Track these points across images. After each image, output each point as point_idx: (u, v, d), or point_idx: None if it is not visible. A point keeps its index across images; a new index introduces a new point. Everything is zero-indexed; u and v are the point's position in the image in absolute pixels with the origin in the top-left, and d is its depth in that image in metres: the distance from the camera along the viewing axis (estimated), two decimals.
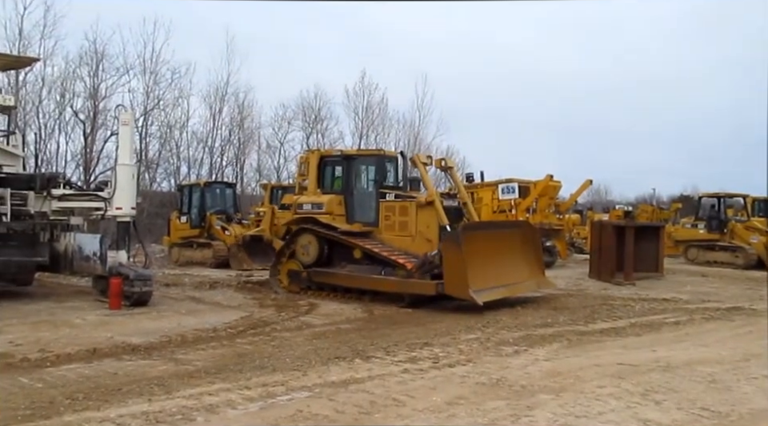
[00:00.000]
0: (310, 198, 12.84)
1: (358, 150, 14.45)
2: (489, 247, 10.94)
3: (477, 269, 10.43)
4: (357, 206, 12.38)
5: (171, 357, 6.90)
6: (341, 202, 12.44)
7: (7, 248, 11.20)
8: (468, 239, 10.35)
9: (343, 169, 12.73)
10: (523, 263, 11.82)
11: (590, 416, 5.03)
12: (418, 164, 12.01)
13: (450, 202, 11.98)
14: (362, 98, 38.75)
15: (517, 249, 11.81)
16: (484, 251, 10.73)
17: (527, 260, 11.97)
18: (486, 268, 10.75)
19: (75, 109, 29.30)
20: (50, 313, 9.80)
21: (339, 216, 12.36)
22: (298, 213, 12.87)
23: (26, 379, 5.90)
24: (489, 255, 10.88)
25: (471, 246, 10.35)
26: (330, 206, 12.38)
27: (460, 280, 10.22)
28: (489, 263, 10.85)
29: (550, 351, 7.54)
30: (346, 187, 12.55)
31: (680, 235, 24.70)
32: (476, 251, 10.45)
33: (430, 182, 12.02)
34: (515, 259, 11.61)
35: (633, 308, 11.36)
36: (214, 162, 35.10)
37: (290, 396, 5.40)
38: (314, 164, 13.05)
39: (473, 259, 10.36)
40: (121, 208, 11.04)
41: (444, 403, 5.29)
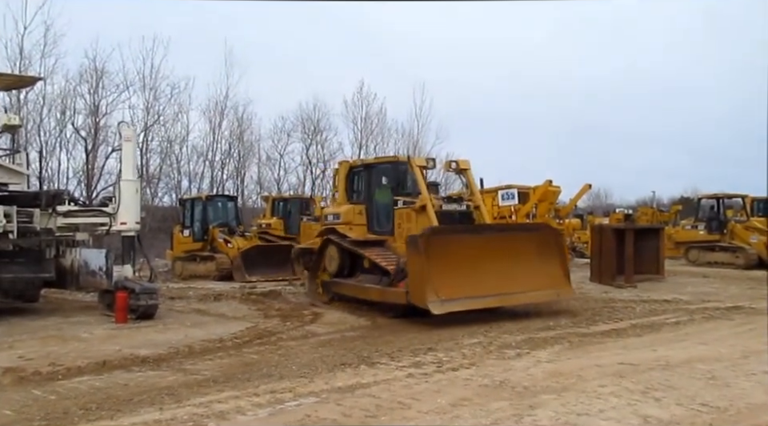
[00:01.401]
0: (333, 210, 12.93)
1: (375, 159, 13.82)
2: (470, 253, 9.94)
3: (446, 276, 9.56)
4: (375, 215, 12.21)
5: (180, 367, 7.03)
6: (361, 211, 12.31)
7: (14, 265, 11.36)
8: (435, 244, 9.61)
9: (363, 178, 12.65)
10: (532, 270, 10.43)
11: (591, 414, 5.15)
12: (414, 167, 11.67)
13: (455, 207, 11.61)
14: (361, 109, 39.08)
15: (525, 254, 10.46)
16: (461, 256, 9.79)
17: (542, 267, 10.58)
18: (461, 276, 9.73)
19: (76, 126, 29.57)
20: (57, 328, 9.93)
21: (359, 226, 12.22)
22: (325, 224, 13.00)
23: (39, 391, 6.03)
24: (469, 261, 9.86)
25: (440, 251, 9.61)
26: (348, 216, 12.32)
27: (419, 288, 9.57)
28: (467, 271, 9.83)
29: (552, 353, 7.66)
30: (367, 196, 12.46)
31: (680, 236, 24.84)
32: (447, 256, 9.70)
33: (423, 186, 11.41)
34: (516, 265, 10.30)
35: (634, 310, 11.48)
36: (215, 175, 35.39)
37: (297, 402, 5.53)
38: (343, 175, 13.03)
39: (441, 265, 9.58)
40: (125, 223, 11.19)
41: (448, 405, 5.41)
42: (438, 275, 9.49)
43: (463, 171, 12.15)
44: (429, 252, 9.49)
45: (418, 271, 9.58)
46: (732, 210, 25.30)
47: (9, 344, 8.48)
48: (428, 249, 9.50)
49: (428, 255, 9.47)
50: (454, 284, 9.62)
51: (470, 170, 12.03)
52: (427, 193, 11.15)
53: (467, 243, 10.07)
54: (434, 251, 9.53)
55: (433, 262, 9.48)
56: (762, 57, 39.84)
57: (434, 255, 9.52)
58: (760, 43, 47.18)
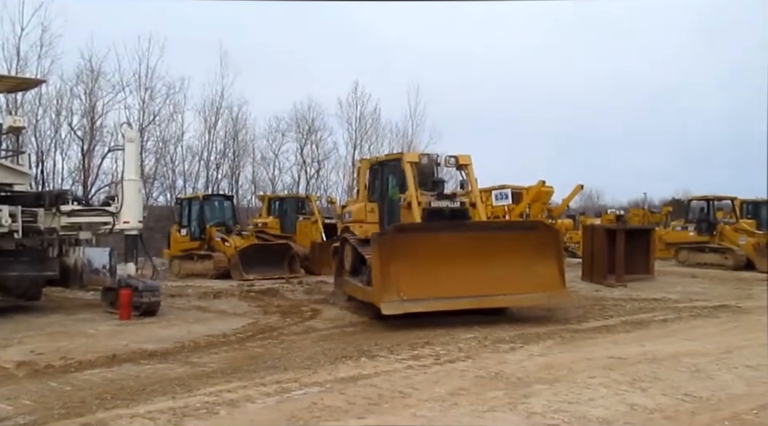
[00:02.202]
0: (347, 208, 13.08)
1: (387, 155, 13.26)
2: (444, 252, 9.50)
3: (413, 276, 9.26)
4: (386, 213, 11.88)
5: (187, 361, 7.30)
6: (373, 209, 12.13)
7: (19, 264, 11.59)
8: (401, 242, 9.30)
9: (378, 175, 12.48)
10: (520, 271, 9.75)
11: (581, 402, 5.46)
12: (404, 164, 11.46)
13: (446, 204, 11.16)
14: (355, 109, 39.32)
15: (512, 254, 9.74)
16: (433, 255, 9.38)
17: (532, 268, 9.85)
18: (431, 275, 9.34)
19: (73, 126, 29.71)
20: (62, 325, 10.16)
21: (370, 224, 11.98)
22: (343, 222, 13.16)
23: (55, 383, 6.29)
24: (442, 260, 9.42)
25: (407, 249, 9.26)
26: (359, 215, 12.30)
27: (376, 287, 9.36)
28: (439, 270, 9.37)
29: (545, 348, 7.98)
30: (380, 194, 12.30)
31: (671, 237, 25.26)
32: (415, 255, 9.28)
33: (411, 182, 11.08)
34: (501, 265, 9.64)
35: (624, 308, 11.84)
36: (210, 175, 35.55)
37: (303, 391, 5.82)
38: (363, 172, 13.01)
39: (408, 264, 9.24)
40: (128, 222, 11.46)
41: (446, 394, 5.72)
42: (402, 274, 9.21)
43: (463, 167, 11.72)
44: (393, 250, 9.25)
45: (377, 269, 9.34)
46: (722, 212, 25.75)
47: (18, 340, 8.72)
48: (392, 247, 9.26)
49: (391, 253, 9.24)
50: (420, 284, 9.28)
51: (470, 165, 11.62)
52: (414, 189, 10.92)
53: (442, 242, 9.64)
54: (399, 250, 9.25)
55: (398, 261, 9.22)
56: (756, 60, 40.41)
57: (400, 253, 9.24)
58: (753, 47, 47.83)
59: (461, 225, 10.63)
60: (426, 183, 11.68)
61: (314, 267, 20.06)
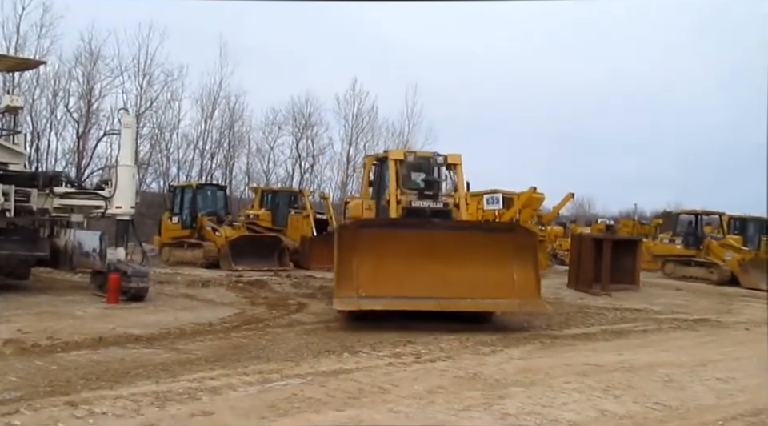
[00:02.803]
0: (348, 204, 13.07)
1: (385, 152, 12.85)
2: (411, 250, 9.19)
3: (374, 272, 9.05)
4: (381, 211, 11.72)
5: (172, 347, 7.41)
6: (370, 206, 12.02)
7: (9, 243, 11.64)
8: (365, 237, 9.14)
9: (377, 172, 12.32)
10: (490, 275, 9.31)
11: (554, 406, 5.61)
12: (389, 161, 11.34)
13: (428, 204, 11.01)
14: (353, 106, 39.46)
15: (484, 256, 9.34)
16: (399, 253, 9.12)
17: (504, 272, 9.39)
18: (395, 273, 9.09)
19: (69, 108, 29.70)
20: (51, 305, 10.25)
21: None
22: (344, 218, 13.19)
23: (41, 362, 6.39)
24: (408, 258, 9.14)
25: (371, 245, 9.08)
26: (355, 211, 12.26)
27: (334, 281, 9.23)
28: (403, 268, 9.13)
29: (524, 352, 8.13)
30: (377, 191, 12.15)
31: (658, 249, 25.52)
32: (380, 251, 9.10)
33: (393, 180, 10.92)
34: (470, 268, 9.29)
35: (605, 316, 12.02)
36: (204, 164, 35.61)
37: (284, 382, 5.95)
38: (367, 168, 12.91)
39: (371, 260, 9.07)
40: (121, 207, 11.56)
41: (425, 391, 5.86)
42: (363, 270, 9.03)
43: (452, 166, 11.48)
44: (355, 245, 9.06)
45: (335, 264, 9.13)
46: (710, 227, 26.04)
47: (6, 318, 8.80)
48: (354, 242, 9.08)
49: (353, 248, 9.04)
50: (382, 282, 9.04)
51: (460, 165, 11.34)
52: (395, 187, 10.80)
53: (409, 239, 9.33)
54: (363, 245, 9.07)
55: (360, 256, 9.03)
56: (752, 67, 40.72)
57: (363, 249, 9.06)
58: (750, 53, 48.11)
59: (427, 223, 10.27)
60: (418, 182, 11.60)
61: (303, 262, 20.19)
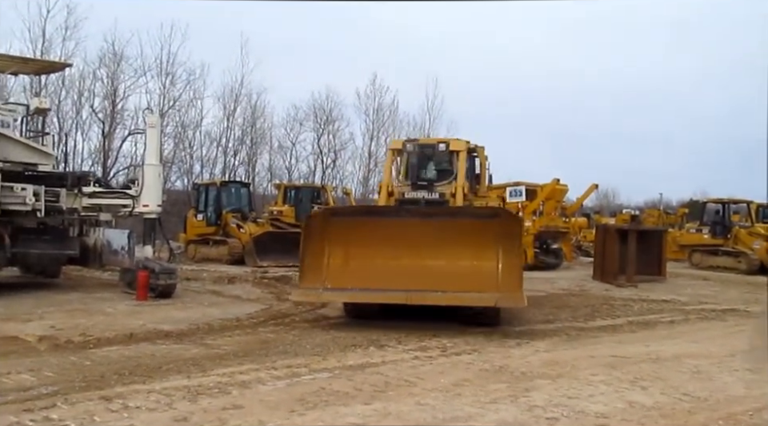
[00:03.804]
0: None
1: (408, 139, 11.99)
2: (385, 239, 8.62)
3: (344, 263, 8.65)
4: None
5: (201, 342, 7.54)
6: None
7: (40, 242, 11.92)
8: (335, 226, 8.71)
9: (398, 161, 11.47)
10: (467, 266, 8.55)
11: (581, 398, 5.62)
12: (388, 151, 10.96)
13: (423, 194, 10.35)
14: (373, 100, 39.51)
15: (462, 245, 8.59)
16: (371, 242, 8.60)
17: (484, 263, 8.50)
18: (365, 264, 8.59)
19: (94, 108, 30.16)
20: (82, 302, 10.48)
21: None
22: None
23: (75, 357, 6.55)
24: (381, 248, 8.59)
25: (343, 234, 8.64)
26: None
27: (299, 271, 8.93)
28: (375, 259, 8.58)
29: (550, 344, 8.13)
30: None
31: (685, 239, 25.19)
32: (351, 240, 8.63)
33: (387, 170, 10.55)
34: (445, 258, 8.63)
35: (632, 308, 11.93)
36: (227, 161, 35.95)
37: (312, 376, 6.03)
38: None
39: (342, 249, 8.66)
40: (148, 205, 11.76)
41: (451, 384, 5.90)
42: (333, 261, 8.62)
43: (455, 153, 10.70)
44: (325, 235, 8.65)
45: (301, 254, 8.76)
46: (737, 216, 25.64)
47: (39, 315, 9.04)
48: (324, 231, 8.68)
49: (323, 237, 8.64)
50: (351, 273, 8.56)
51: (463, 152, 10.53)
52: (388, 177, 10.39)
53: (385, 228, 8.78)
54: (334, 235, 8.64)
55: (331, 246, 8.64)
56: None
57: (335, 238, 8.64)
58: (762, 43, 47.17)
59: (402, 210, 9.73)
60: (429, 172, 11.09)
61: None
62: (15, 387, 5.41)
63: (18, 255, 11.65)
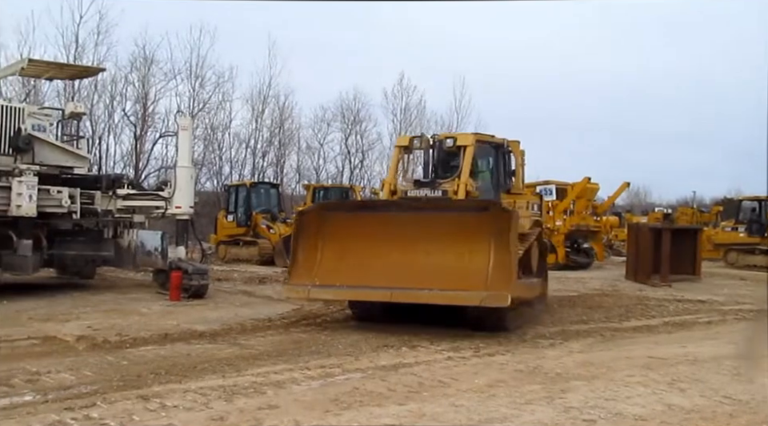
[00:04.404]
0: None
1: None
2: (375, 235, 8.38)
3: (334, 259, 8.45)
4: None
5: (234, 342, 7.61)
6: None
7: (76, 243, 12.14)
8: (328, 221, 8.55)
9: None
10: (456, 263, 8.06)
11: (618, 400, 5.53)
12: (395, 148, 10.58)
13: (425, 192, 9.74)
14: (401, 100, 39.46)
15: (451, 241, 8.12)
16: (362, 237, 8.39)
17: (474, 259, 7.99)
18: (354, 260, 8.39)
19: (126, 112, 30.65)
20: (116, 303, 10.65)
21: None
22: None
23: (112, 357, 6.66)
24: (370, 243, 8.33)
25: (334, 230, 8.47)
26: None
27: (289, 266, 8.82)
28: (363, 255, 8.36)
29: (584, 345, 8.03)
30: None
31: (720, 238, 24.76)
32: (342, 236, 8.45)
33: (393, 167, 10.31)
34: (433, 254, 8.19)
35: (667, 308, 11.73)
36: (256, 162, 36.23)
37: (346, 377, 6.04)
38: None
39: (333, 245, 8.47)
40: (180, 207, 11.92)
41: (485, 385, 5.86)
42: (326, 257, 8.47)
43: (462, 148, 9.94)
44: (320, 231, 8.51)
45: (293, 250, 8.68)
46: None
47: (76, 315, 9.21)
48: (319, 227, 8.53)
49: (317, 233, 8.50)
50: (342, 269, 8.37)
51: (471, 147, 9.77)
52: (393, 175, 10.16)
53: (376, 223, 8.58)
54: (326, 230, 8.49)
55: (324, 242, 8.48)
56: None
57: (326, 234, 8.48)
58: None
59: (392, 204, 9.48)
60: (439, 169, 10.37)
61: None
62: (56, 386, 5.52)
63: (55, 257, 11.86)
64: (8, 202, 10.79)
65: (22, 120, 11.33)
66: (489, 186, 10.33)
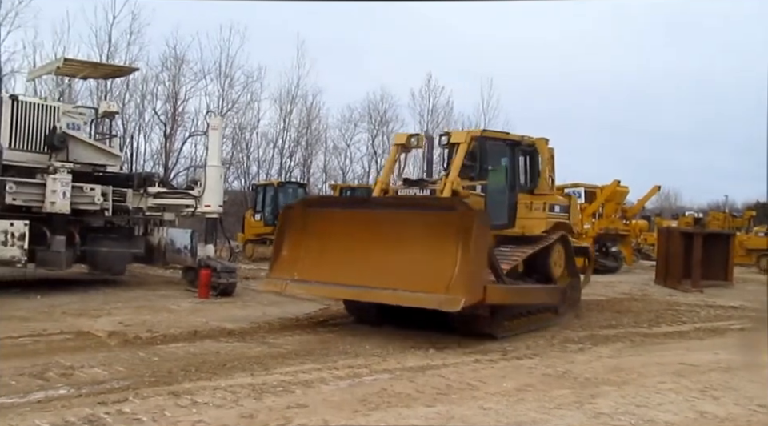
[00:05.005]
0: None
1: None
2: (353, 231, 8.10)
3: (318, 255, 8.28)
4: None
5: (263, 341, 7.66)
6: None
7: (107, 240, 12.32)
8: (313, 217, 8.44)
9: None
10: (422, 263, 7.53)
11: (649, 406, 5.45)
12: (392, 147, 10.23)
13: (414, 191, 9.45)
14: (428, 101, 39.40)
15: (420, 240, 7.66)
16: (341, 234, 8.20)
17: (438, 261, 7.41)
18: (333, 257, 8.18)
19: (156, 111, 31.08)
20: (146, 299, 10.80)
21: None
22: None
23: (143, 353, 6.74)
24: (348, 240, 8.09)
25: (318, 225, 8.35)
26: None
27: (273, 262, 8.78)
28: (341, 251, 8.15)
29: (614, 350, 7.94)
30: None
31: (753, 243, 24.32)
32: (324, 231, 8.30)
33: (388, 166, 10.04)
34: (402, 253, 7.70)
35: (698, 314, 11.55)
36: (284, 162, 36.47)
37: (374, 377, 6.04)
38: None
39: (315, 241, 8.33)
40: (209, 206, 12.05)
41: (514, 389, 5.82)
42: (310, 252, 8.34)
43: (455, 146, 9.57)
44: (304, 226, 8.43)
45: (275, 244, 8.73)
46: None
47: (107, 311, 9.35)
48: (304, 222, 8.45)
49: (303, 228, 8.42)
50: (319, 265, 8.26)
51: (464, 144, 9.32)
52: (387, 174, 9.95)
53: (353, 220, 8.34)
54: (309, 226, 8.40)
55: (308, 238, 8.39)
56: None
57: (309, 229, 8.40)
58: None
59: (367, 201, 9.41)
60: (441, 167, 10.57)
61: None
62: (89, 380, 5.61)
63: (87, 253, 12.04)
64: (42, 198, 11.01)
65: (57, 118, 11.56)
66: (502, 186, 9.98)
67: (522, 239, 9.89)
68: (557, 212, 10.82)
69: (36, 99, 12.72)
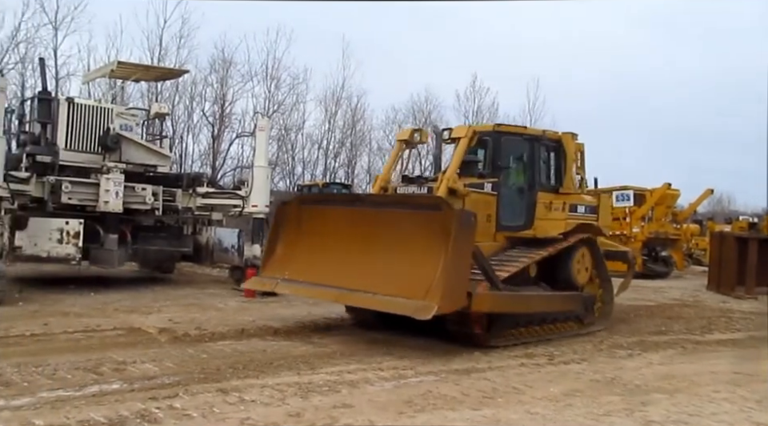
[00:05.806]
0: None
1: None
2: (342, 230, 7.85)
3: (309, 254, 8.07)
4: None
5: (308, 340, 7.72)
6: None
7: (158, 239, 12.63)
8: (307, 215, 8.24)
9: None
10: (403, 266, 7.11)
11: (703, 416, 5.30)
12: (396, 142, 9.94)
13: (413, 189, 9.03)
14: (473, 102, 39.13)
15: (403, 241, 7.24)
16: (331, 233, 7.94)
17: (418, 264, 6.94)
18: (321, 256, 7.93)
19: (205, 112, 31.68)
20: (195, 298, 11.00)
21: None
22: None
23: (192, 350, 6.88)
24: (336, 239, 7.85)
25: (312, 224, 8.14)
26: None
27: (264, 261, 8.60)
28: (329, 251, 7.88)
29: (665, 357, 7.74)
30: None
31: None
32: (316, 230, 8.06)
33: (389, 163, 9.81)
34: (385, 254, 7.34)
35: (753, 322, 11.16)
36: (328, 163, 36.70)
37: (419, 379, 6.04)
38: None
39: (309, 240, 8.12)
40: (256, 206, 12.25)
41: (561, 394, 5.73)
42: (302, 251, 8.14)
43: (456, 141, 9.05)
44: (299, 224, 8.24)
45: (268, 243, 8.60)
46: None
47: (157, 308, 9.58)
48: (299, 220, 8.27)
49: (296, 228, 8.25)
50: (311, 263, 8.01)
51: (465, 139, 8.79)
52: (387, 171, 9.64)
53: (342, 218, 8.03)
54: (304, 224, 8.22)
55: (300, 235, 8.20)
56: None
57: (304, 228, 8.21)
58: None
59: (356, 199, 9.25)
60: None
61: None
62: (141, 375, 5.75)
63: (138, 251, 12.36)
64: (96, 198, 11.34)
65: (110, 120, 11.88)
66: (518, 185, 9.38)
67: (536, 242, 9.05)
68: (580, 213, 9.88)
69: (91, 101, 13.13)
